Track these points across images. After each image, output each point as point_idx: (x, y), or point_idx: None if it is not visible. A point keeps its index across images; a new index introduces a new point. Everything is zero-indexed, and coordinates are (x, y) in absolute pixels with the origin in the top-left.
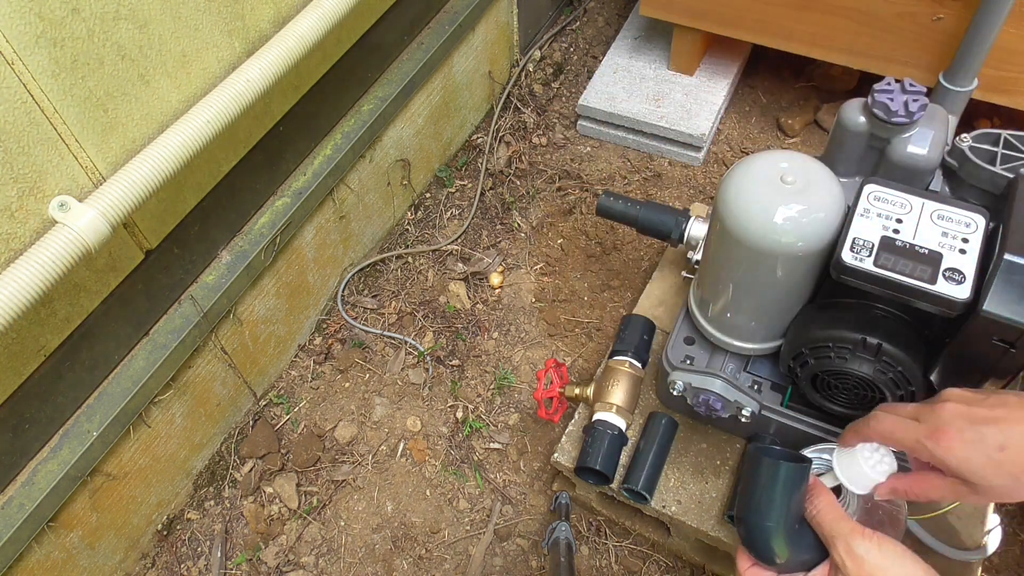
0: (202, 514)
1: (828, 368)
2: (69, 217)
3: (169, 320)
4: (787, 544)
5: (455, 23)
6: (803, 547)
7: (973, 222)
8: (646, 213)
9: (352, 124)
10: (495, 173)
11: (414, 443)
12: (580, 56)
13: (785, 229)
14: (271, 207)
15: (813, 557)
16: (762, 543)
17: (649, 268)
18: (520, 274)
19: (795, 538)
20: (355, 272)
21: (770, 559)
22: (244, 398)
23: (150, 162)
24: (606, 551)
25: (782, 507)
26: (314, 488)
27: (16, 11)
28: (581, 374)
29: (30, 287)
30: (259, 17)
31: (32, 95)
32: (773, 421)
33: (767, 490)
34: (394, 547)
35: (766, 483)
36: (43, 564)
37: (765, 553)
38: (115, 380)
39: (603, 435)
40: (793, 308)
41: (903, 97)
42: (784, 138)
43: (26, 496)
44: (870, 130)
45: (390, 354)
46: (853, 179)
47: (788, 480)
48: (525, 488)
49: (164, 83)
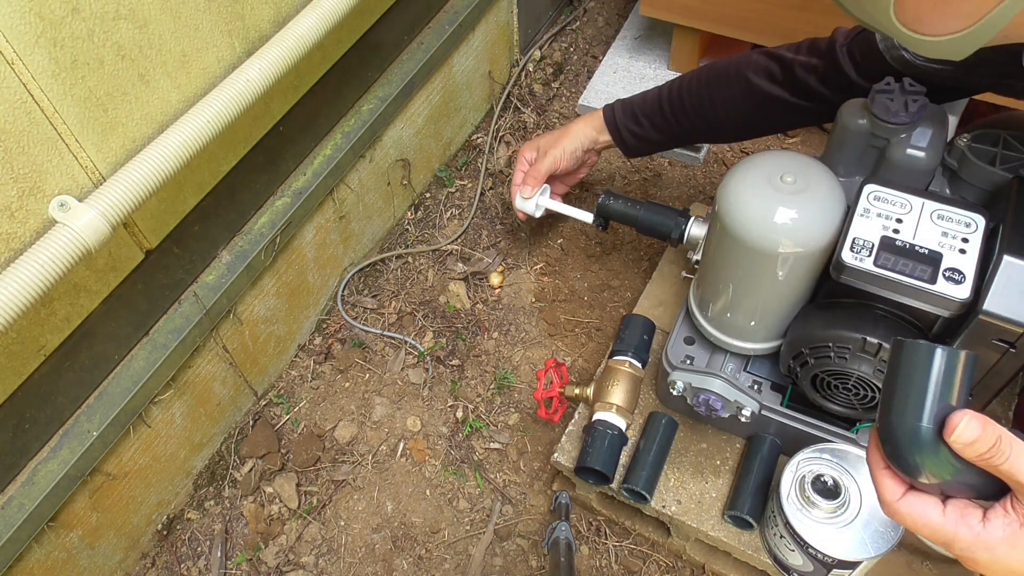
0: (202, 514)
1: (828, 368)
2: (69, 217)
3: (169, 320)
4: (945, 456)
5: (455, 23)
6: (968, 466)
7: (973, 222)
8: (646, 213)
9: (352, 124)
10: (495, 173)
11: (414, 443)
12: (580, 56)
13: (785, 229)
14: (271, 207)
15: (984, 483)
16: (912, 453)
17: (649, 268)
18: (520, 274)
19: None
20: (355, 272)
21: (921, 473)
22: (244, 398)
23: (150, 162)
24: (606, 551)
25: (939, 404)
26: (314, 488)
27: (16, 11)
28: (581, 374)
29: (30, 287)
30: (259, 17)
31: (32, 95)
32: (773, 421)
33: (921, 381)
34: (394, 547)
35: (920, 373)
36: (43, 564)
37: (915, 467)
38: (115, 380)
39: (603, 435)
40: (793, 308)
41: (903, 97)
42: (784, 138)
43: (26, 496)
44: (870, 130)
45: (390, 354)
46: (853, 179)
47: (948, 369)
48: (525, 488)
49: (164, 83)
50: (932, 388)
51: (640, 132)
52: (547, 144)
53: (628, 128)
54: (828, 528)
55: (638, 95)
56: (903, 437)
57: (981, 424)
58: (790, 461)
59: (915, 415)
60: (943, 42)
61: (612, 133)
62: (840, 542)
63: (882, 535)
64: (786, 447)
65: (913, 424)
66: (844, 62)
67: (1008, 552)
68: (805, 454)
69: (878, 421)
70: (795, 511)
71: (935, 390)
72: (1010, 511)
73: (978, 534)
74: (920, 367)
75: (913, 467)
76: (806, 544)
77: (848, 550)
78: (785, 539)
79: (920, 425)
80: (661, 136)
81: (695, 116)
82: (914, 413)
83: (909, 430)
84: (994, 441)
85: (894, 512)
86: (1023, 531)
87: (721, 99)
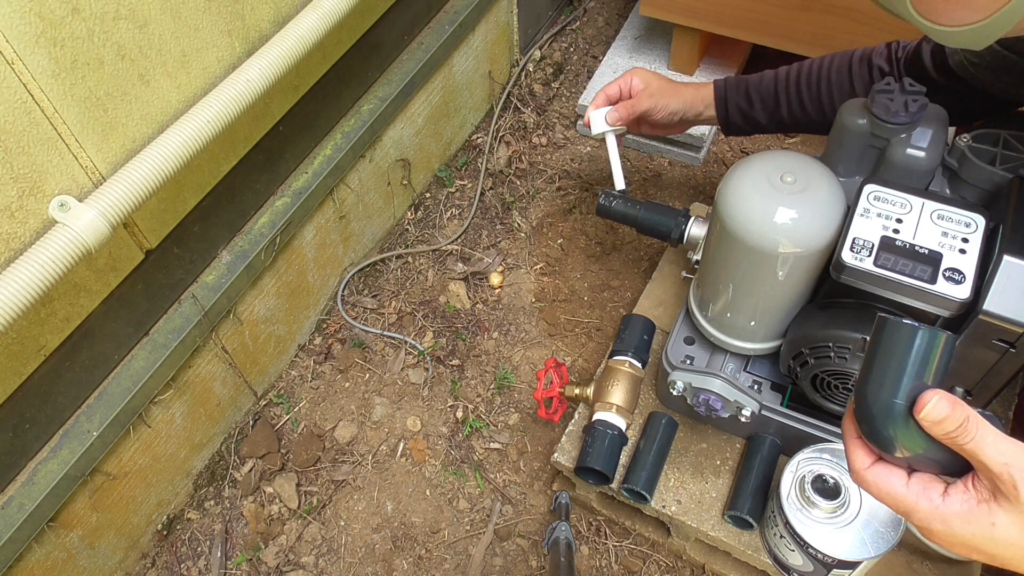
0: (202, 514)
1: (828, 368)
2: (69, 217)
3: (169, 320)
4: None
5: (455, 23)
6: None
7: (973, 222)
8: (646, 213)
9: (352, 124)
10: (495, 173)
11: (414, 443)
12: (580, 56)
13: (785, 229)
14: (271, 207)
15: (949, 460)
16: (884, 426)
17: (649, 268)
18: (520, 274)
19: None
20: (355, 272)
21: (890, 447)
22: (244, 398)
23: (150, 162)
24: (606, 551)
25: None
26: (314, 488)
27: (16, 11)
28: (581, 374)
29: (30, 287)
30: (259, 17)
31: (32, 95)
32: (773, 421)
33: (899, 359)
34: (394, 547)
35: (899, 351)
36: (43, 564)
37: (885, 440)
38: (115, 380)
39: (603, 435)
40: (793, 308)
41: (903, 97)
42: (784, 138)
43: (26, 496)
44: (870, 130)
45: (390, 354)
46: (853, 179)
47: (927, 349)
48: (525, 488)
49: (164, 83)
50: (909, 366)
51: (749, 111)
52: (659, 90)
53: (738, 105)
54: (828, 528)
55: (753, 76)
56: (877, 411)
57: (950, 404)
58: (790, 461)
59: (890, 391)
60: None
61: (719, 107)
62: (840, 542)
63: (882, 535)
64: (786, 447)
65: (888, 400)
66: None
67: (963, 526)
68: (805, 454)
69: (855, 393)
70: (795, 511)
71: (912, 368)
72: (970, 488)
73: (936, 507)
74: (900, 345)
75: (884, 440)
76: (806, 544)
77: (848, 550)
78: (785, 539)
79: (894, 401)
80: (768, 120)
81: (812, 106)
82: (890, 389)
83: (883, 405)
84: (961, 421)
85: (861, 479)
86: (979, 508)
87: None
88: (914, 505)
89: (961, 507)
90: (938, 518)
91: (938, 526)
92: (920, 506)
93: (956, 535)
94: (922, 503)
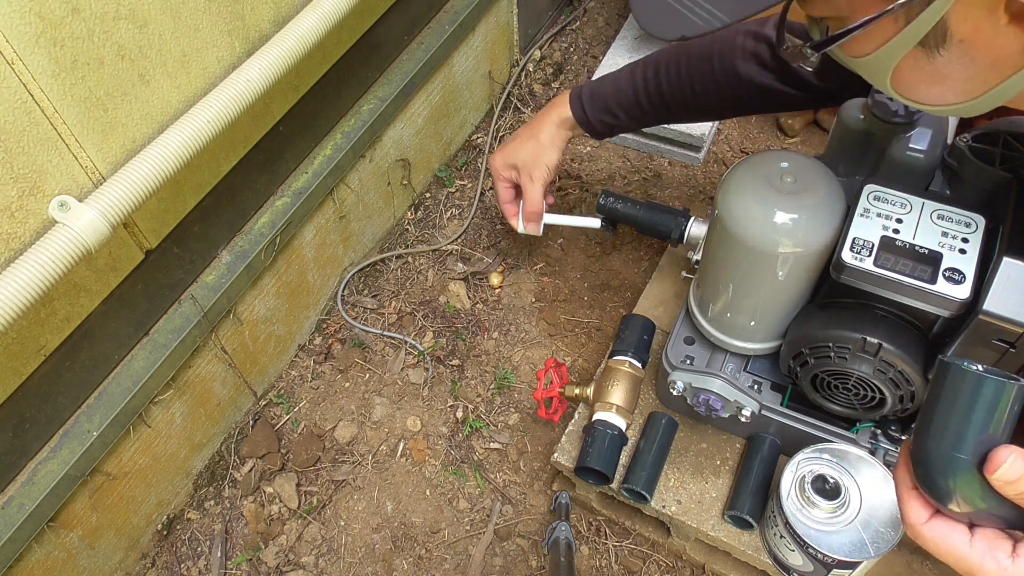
0: (202, 514)
1: (828, 368)
2: (69, 217)
3: (169, 320)
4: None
5: (455, 23)
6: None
7: (973, 222)
8: (646, 213)
9: (352, 124)
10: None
11: (414, 443)
12: (580, 56)
13: (785, 229)
14: (271, 207)
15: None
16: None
17: (649, 268)
18: (520, 274)
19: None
20: (355, 272)
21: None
22: (244, 398)
23: (150, 162)
24: (606, 551)
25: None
26: (314, 488)
27: (16, 11)
28: (581, 374)
29: (30, 287)
30: (259, 17)
31: (32, 95)
32: (773, 421)
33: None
34: (394, 547)
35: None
36: (43, 564)
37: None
38: (115, 380)
39: (603, 435)
40: (793, 308)
41: None
42: (784, 138)
43: (26, 496)
44: (870, 130)
45: (390, 354)
46: (853, 179)
47: (994, 399)
48: (525, 488)
49: (164, 83)
50: (976, 418)
51: (614, 122)
52: (526, 161)
53: (601, 120)
54: (828, 528)
55: (606, 82)
56: (938, 463)
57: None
58: (790, 461)
59: (954, 444)
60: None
61: (584, 126)
62: (840, 542)
63: (882, 535)
64: (786, 447)
65: (950, 452)
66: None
67: None
68: (805, 454)
69: (912, 442)
70: (795, 511)
71: (978, 421)
72: None
73: (1005, 568)
74: (966, 395)
75: (945, 494)
76: (806, 544)
77: (848, 550)
78: (785, 539)
79: (958, 456)
80: (637, 124)
81: (676, 106)
82: (953, 442)
83: (945, 457)
84: None
85: (918, 535)
86: None
87: (704, 89)
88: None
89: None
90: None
91: None
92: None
93: None
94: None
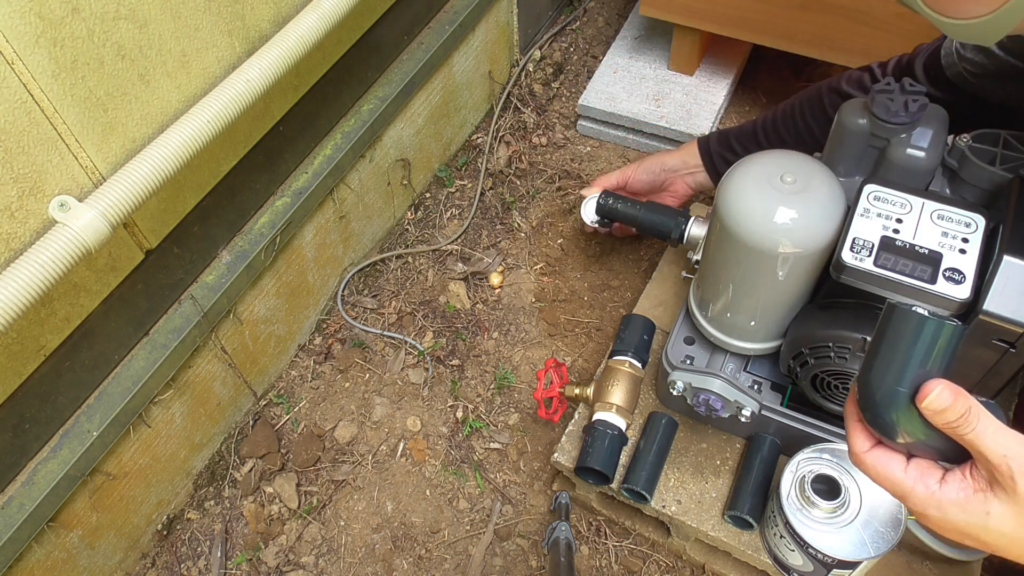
0: (202, 514)
1: (828, 368)
2: (69, 217)
3: (169, 320)
4: (917, 419)
5: (455, 23)
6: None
7: (973, 222)
8: (646, 213)
9: (352, 124)
10: (495, 173)
11: (414, 443)
12: (580, 56)
13: (785, 229)
14: (271, 207)
15: (948, 448)
16: (886, 412)
17: (649, 268)
18: (520, 274)
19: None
20: (355, 272)
21: (891, 433)
22: (244, 398)
23: (150, 162)
24: (606, 551)
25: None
26: (314, 488)
27: (16, 11)
28: (581, 374)
29: (30, 287)
30: (259, 17)
31: (32, 95)
32: (773, 421)
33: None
34: (394, 547)
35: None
36: (43, 564)
37: (887, 425)
38: (115, 380)
39: (603, 435)
40: (793, 308)
41: (903, 97)
42: None
43: (26, 496)
44: (870, 130)
45: (390, 354)
46: (853, 179)
47: (934, 339)
48: (525, 488)
49: (164, 83)
50: (915, 354)
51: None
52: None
53: (721, 155)
54: (828, 528)
55: (734, 127)
56: (880, 397)
57: (953, 394)
58: (790, 461)
59: (894, 378)
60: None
61: (704, 159)
62: (840, 542)
63: (882, 535)
64: (786, 447)
65: (891, 386)
66: (920, 76)
67: (957, 514)
68: (805, 454)
69: (858, 377)
70: (795, 511)
71: (917, 357)
72: (967, 477)
73: (933, 493)
74: (907, 333)
75: (885, 425)
76: (806, 544)
77: (848, 550)
78: (785, 539)
79: (897, 388)
80: None
81: (791, 140)
82: (894, 376)
83: (887, 391)
84: (963, 412)
85: (860, 462)
86: (975, 496)
87: (816, 120)
88: (911, 490)
89: (957, 495)
90: (934, 504)
91: (933, 512)
92: (917, 491)
93: (950, 522)
94: (919, 488)
